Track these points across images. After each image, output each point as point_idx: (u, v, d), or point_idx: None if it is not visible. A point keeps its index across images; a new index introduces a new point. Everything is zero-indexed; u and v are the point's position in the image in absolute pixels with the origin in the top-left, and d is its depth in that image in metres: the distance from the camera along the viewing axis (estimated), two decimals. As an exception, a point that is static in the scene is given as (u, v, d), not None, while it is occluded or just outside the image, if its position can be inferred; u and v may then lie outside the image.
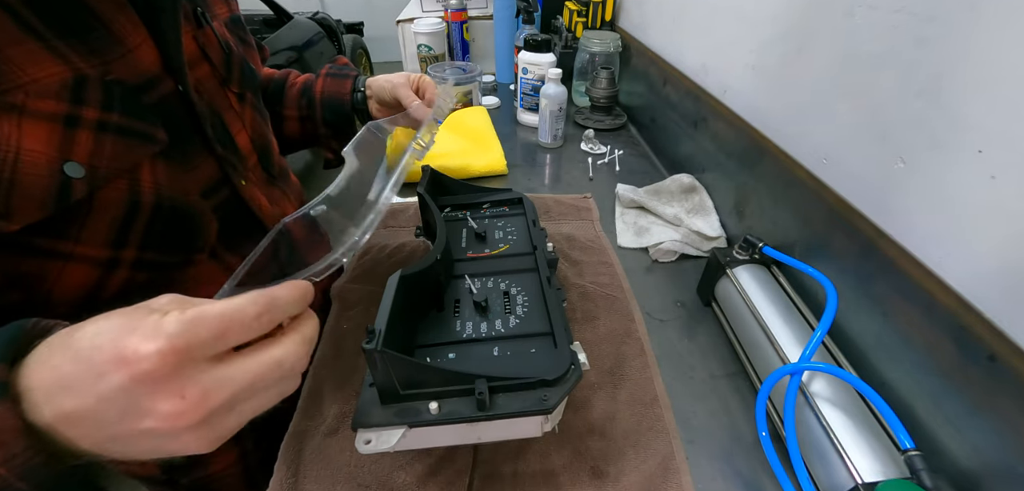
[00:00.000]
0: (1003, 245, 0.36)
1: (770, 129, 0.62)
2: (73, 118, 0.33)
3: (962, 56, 0.38)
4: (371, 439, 0.35)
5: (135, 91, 0.38)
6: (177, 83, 0.41)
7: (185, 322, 0.22)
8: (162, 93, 0.40)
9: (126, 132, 0.36)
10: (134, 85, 0.38)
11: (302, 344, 0.27)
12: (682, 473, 0.42)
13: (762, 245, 0.55)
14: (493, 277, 0.49)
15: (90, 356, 0.22)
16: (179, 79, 0.42)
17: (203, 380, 0.23)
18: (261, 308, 0.25)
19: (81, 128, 0.33)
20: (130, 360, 0.21)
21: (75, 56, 0.34)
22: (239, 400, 0.24)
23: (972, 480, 0.36)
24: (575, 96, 1.16)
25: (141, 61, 0.39)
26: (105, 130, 0.35)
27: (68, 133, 0.33)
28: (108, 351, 0.22)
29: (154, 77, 0.40)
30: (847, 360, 0.46)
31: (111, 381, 0.22)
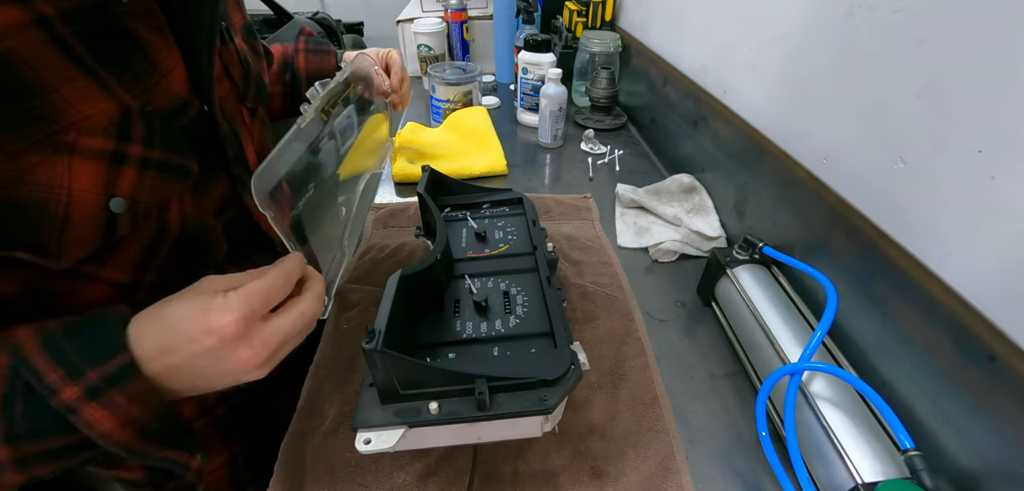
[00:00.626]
0: (1003, 245, 0.36)
1: (770, 129, 0.62)
2: (119, 155, 0.33)
3: (962, 56, 0.38)
4: (371, 439, 0.35)
5: (169, 119, 0.37)
6: (203, 104, 0.41)
7: (244, 297, 0.31)
8: (191, 116, 0.39)
9: (165, 167, 0.36)
10: (168, 112, 0.37)
11: (315, 298, 0.36)
12: (682, 473, 0.42)
13: (762, 245, 0.55)
14: (493, 277, 0.49)
15: (183, 328, 0.30)
16: (206, 100, 0.41)
17: (263, 332, 0.32)
18: (284, 279, 0.34)
19: (126, 165, 0.33)
20: (215, 329, 0.30)
21: (120, 88, 0.33)
22: (285, 342, 0.34)
23: (972, 480, 0.36)
24: (575, 96, 1.16)
25: (172, 85, 0.38)
26: (148, 166, 0.35)
27: (114, 170, 0.33)
28: (198, 323, 0.30)
29: (184, 101, 0.39)
30: (847, 360, 0.46)
31: (203, 344, 0.30)
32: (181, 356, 0.31)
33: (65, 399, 0.28)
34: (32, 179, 0.29)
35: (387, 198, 0.82)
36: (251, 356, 0.32)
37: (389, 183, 0.85)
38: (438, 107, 1.04)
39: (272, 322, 0.33)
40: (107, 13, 0.33)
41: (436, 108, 1.04)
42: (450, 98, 1.02)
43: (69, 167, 0.30)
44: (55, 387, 0.28)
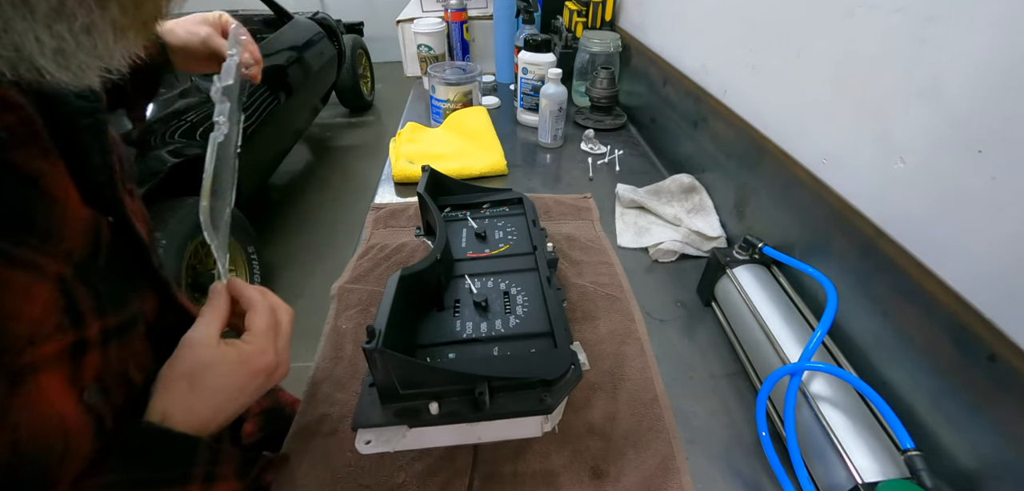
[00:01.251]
0: (1003, 245, 0.36)
1: (770, 129, 0.62)
2: (79, 345, 0.27)
3: (962, 56, 0.38)
4: (371, 439, 0.35)
5: (94, 262, 0.30)
6: (107, 214, 0.32)
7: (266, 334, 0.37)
8: (107, 241, 0.31)
9: (123, 330, 0.31)
10: (90, 254, 0.29)
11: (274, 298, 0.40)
12: (682, 473, 0.42)
13: (762, 245, 0.55)
14: (493, 277, 0.49)
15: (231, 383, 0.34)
16: (111, 208, 0.32)
17: (281, 351, 0.38)
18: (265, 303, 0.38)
19: (88, 352, 0.28)
20: (261, 370, 0.35)
21: (41, 257, 0.25)
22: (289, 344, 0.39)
23: (972, 480, 0.36)
24: (575, 96, 1.16)
25: (76, 212, 0.29)
26: (108, 340, 0.30)
27: (75, 364, 0.27)
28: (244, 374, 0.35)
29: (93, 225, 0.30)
30: (847, 360, 0.46)
31: (254, 385, 0.35)
32: (236, 404, 0.35)
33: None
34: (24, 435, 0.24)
35: (387, 198, 0.82)
36: (283, 371, 0.38)
37: (389, 183, 0.85)
38: (438, 107, 1.04)
39: (281, 338, 0.38)
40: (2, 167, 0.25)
41: (436, 108, 1.04)
42: (450, 98, 1.02)
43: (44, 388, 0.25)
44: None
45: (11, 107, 0.26)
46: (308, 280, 1.99)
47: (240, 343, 0.35)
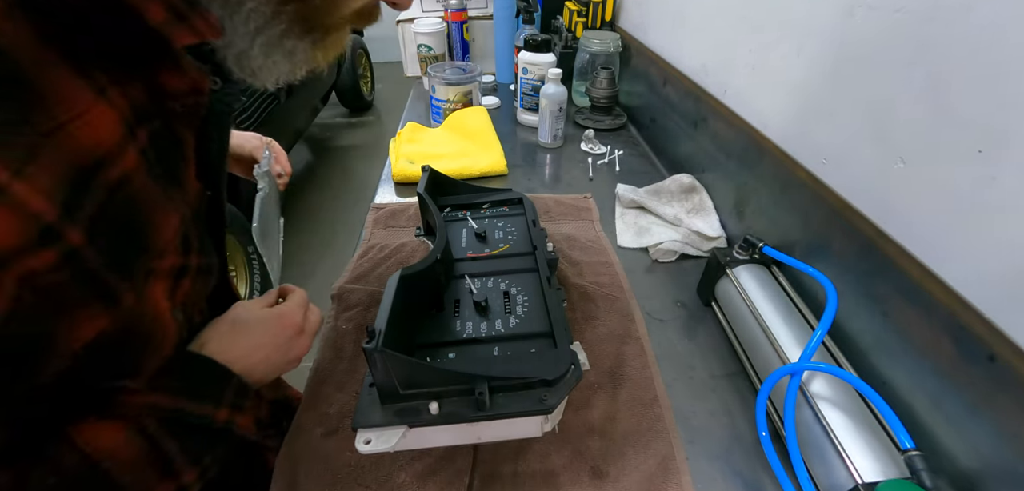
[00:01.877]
0: (1003, 245, 0.36)
1: (770, 129, 0.62)
2: (182, 269, 0.34)
3: (962, 56, 0.38)
4: (371, 439, 0.35)
5: (198, 213, 0.36)
6: (207, 189, 0.38)
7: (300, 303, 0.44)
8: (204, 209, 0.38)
9: (203, 270, 0.36)
10: (198, 208, 0.36)
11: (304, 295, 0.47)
12: (682, 473, 0.42)
13: (762, 245, 0.55)
14: (493, 277, 0.49)
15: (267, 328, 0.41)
16: (213, 185, 0.39)
17: (308, 326, 0.44)
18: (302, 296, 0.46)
19: (185, 277, 0.34)
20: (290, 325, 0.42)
21: (178, 200, 0.32)
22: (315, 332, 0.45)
23: (972, 480, 0.36)
24: (575, 96, 1.16)
25: (193, 179, 0.35)
26: (198, 273, 0.36)
27: (176, 284, 0.33)
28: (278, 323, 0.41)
29: (200, 193, 0.37)
30: (847, 360, 0.46)
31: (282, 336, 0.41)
32: (265, 350, 0.40)
33: (222, 419, 0.35)
34: (149, 311, 0.30)
35: (387, 198, 0.82)
36: (305, 343, 0.43)
37: (389, 183, 0.85)
38: (438, 107, 1.04)
39: (309, 319, 0.45)
40: (169, 123, 0.32)
41: (436, 108, 1.04)
42: (450, 98, 1.02)
43: (156, 291, 0.31)
44: (210, 415, 0.34)
45: (197, 91, 0.33)
46: (308, 280, 1.99)
47: (275, 307, 0.43)
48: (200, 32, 0.27)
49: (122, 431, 0.30)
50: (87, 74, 0.25)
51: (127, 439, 0.30)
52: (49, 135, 0.23)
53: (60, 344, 0.25)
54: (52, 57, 0.23)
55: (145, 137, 0.29)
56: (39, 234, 0.23)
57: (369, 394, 0.37)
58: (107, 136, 0.26)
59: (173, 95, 0.31)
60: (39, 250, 0.23)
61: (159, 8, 0.25)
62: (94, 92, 0.25)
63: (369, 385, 0.37)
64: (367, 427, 0.35)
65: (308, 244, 2.21)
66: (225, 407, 0.35)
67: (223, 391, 0.36)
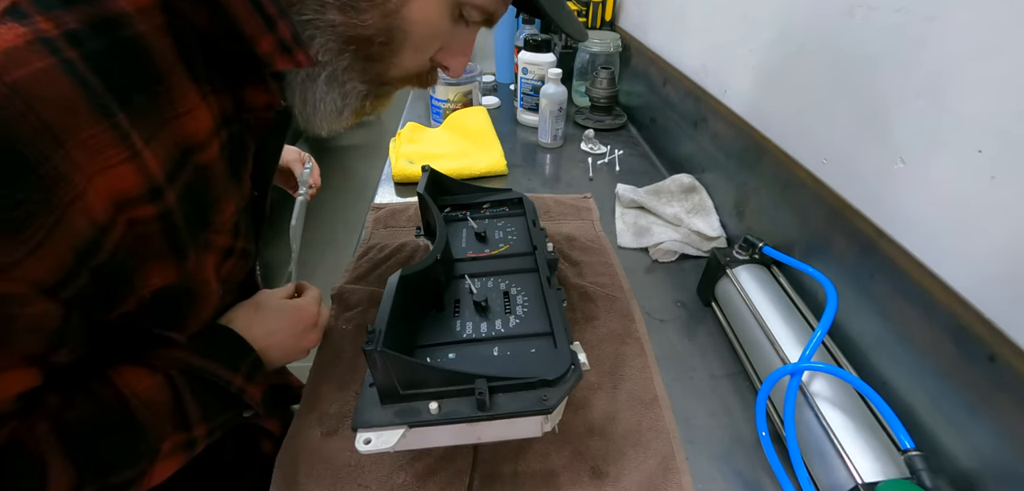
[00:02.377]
0: (1003, 245, 0.36)
1: (770, 129, 0.62)
2: (230, 249, 0.38)
3: (962, 56, 0.38)
4: (371, 439, 0.35)
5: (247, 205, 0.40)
6: (257, 190, 0.43)
7: (315, 299, 0.51)
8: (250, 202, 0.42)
9: (245, 254, 0.41)
10: (247, 201, 0.40)
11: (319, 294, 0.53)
12: (682, 473, 0.42)
13: (762, 245, 0.55)
14: (493, 277, 0.49)
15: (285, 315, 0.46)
16: (261, 187, 0.44)
17: (321, 321, 0.50)
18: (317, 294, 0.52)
19: (231, 256, 0.39)
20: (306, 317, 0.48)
21: (237, 192, 0.38)
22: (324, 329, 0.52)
23: (972, 480, 0.36)
24: (575, 96, 1.16)
25: (247, 180, 0.40)
26: (242, 256, 0.40)
27: (223, 261, 0.38)
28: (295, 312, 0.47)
29: (250, 191, 0.42)
30: (847, 360, 0.46)
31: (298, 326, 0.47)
32: (281, 336, 0.45)
33: (237, 385, 0.40)
34: (202, 276, 0.35)
35: (387, 198, 0.82)
36: (315, 338, 0.49)
37: (389, 183, 0.85)
38: (438, 107, 1.04)
39: (322, 315, 0.50)
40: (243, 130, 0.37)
41: (436, 108, 1.04)
42: (450, 98, 1.02)
43: (209, 262, 0.36)
44: (229, 379, 0.39)
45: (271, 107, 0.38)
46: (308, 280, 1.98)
47: (294, 300, 0.49)
48: (300, 62, 0.33)
49: (153, 378, 0.35)
50: (199, 81, 0.32)
51: (156, 385, 0.35)
52: (171, 121, 0.30)
53: (138, 285, 0.31)
54: (181, 66, 0.30)
55: (226, 136, 0.35)
56: (150, 189, 0.29)
57: (369, 394, 0.37)
58: (203, 130, 0.32)
59: (250, 108, 0.37)
60: (147, 202, 0.29)
61: (269, 41, 0.31)
62: (200, 95, 0.32)
63: (369, 385, 0.37)
64: (367, 427, 0.35)
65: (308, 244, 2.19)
66: (240, 375, 0.40)
67: (241, 360, 0.40)
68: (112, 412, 0.33)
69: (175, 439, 0.36)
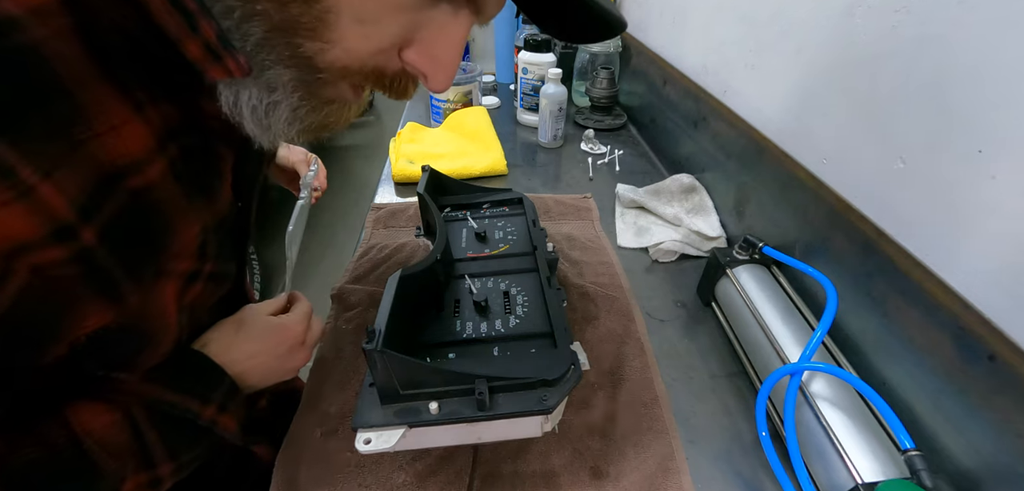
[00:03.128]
0: (1003, 245, 0.36)
1: (770, 129, 0.62)
2: (195, 274, 0.35)
3: (962, 56, 0.38)
4: (371, 439, 0.35)
5: (223, 228, 0.37)
6: (238, 201, 0.40)
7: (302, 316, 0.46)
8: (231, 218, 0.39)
9: (218, 277, 0.37)
10: (221, 221, 0.37)
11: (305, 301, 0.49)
12: (682, 473, 0.42)
13: (762, 245, 0.55)
14: (493, 277, 0.49)
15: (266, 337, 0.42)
16: (244, 198, 0.40)
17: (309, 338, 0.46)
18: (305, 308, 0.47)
19: (197, 281, 0.35)
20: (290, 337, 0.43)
21: (204, 211, 0.34)
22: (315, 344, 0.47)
23: (972, 480, 0.36)
24: (575, 96, 1.16)
25: (227, 193, 0.37)
26: (211, 279, 0.36)
27: (186, 287, 0.34)
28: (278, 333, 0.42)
29: (231, 205, 0.38)
30: (847, 360, 0.46)
31: (282, 347, 0.42)
32: (263, 358, 0.41)
33: (207, 417, 0.36)
34: (153, 310, 0.31)
35: (387, 198, 0.82)
36: (304, 356, 0.45)
37: (389, 183, 0.85)
38: (438, 107, 1.04)
39: (311, 332, 0.46)
40: (203, 139, 0.33)
41: (436, 108, 1.04)
42: (450, 98, 1.02)
43: (166, 291, 0.32)
44: (198, 411, 0.36)
45: None
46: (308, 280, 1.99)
47: (280, 316, 0.45)
48: (230, 70, 0.28)
49: (111, 415, 0.32)
50: (128, 92, 0.27)
51: (114, 424, 0.32)
52: (86, 142, 0.25)
53: (63, 332, 0.27)
54: (96, 74, 0.25)
55: (177, 151, 0.30)
56: (54, 231, 0.25)
57: (369, 394, 0.37)
58: (137, 149, 0.28)
59: (210, 116, 0.31)
60: (52, 245, 0.25)
61: (196, 45, 0.26)
62: (132, 108, 0.27)
63: (369, 385, 0.37)
64: (367, 427, 0.35)
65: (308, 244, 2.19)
66: (212, 406, 0.36)
67: (213, 390, 0.37)
68: (63, 457, 0.30)
69: (137, 480, 0.33)
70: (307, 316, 0.46)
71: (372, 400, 0.36)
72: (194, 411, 0.35)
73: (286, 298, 0.48)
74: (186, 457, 0.36)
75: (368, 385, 0.37)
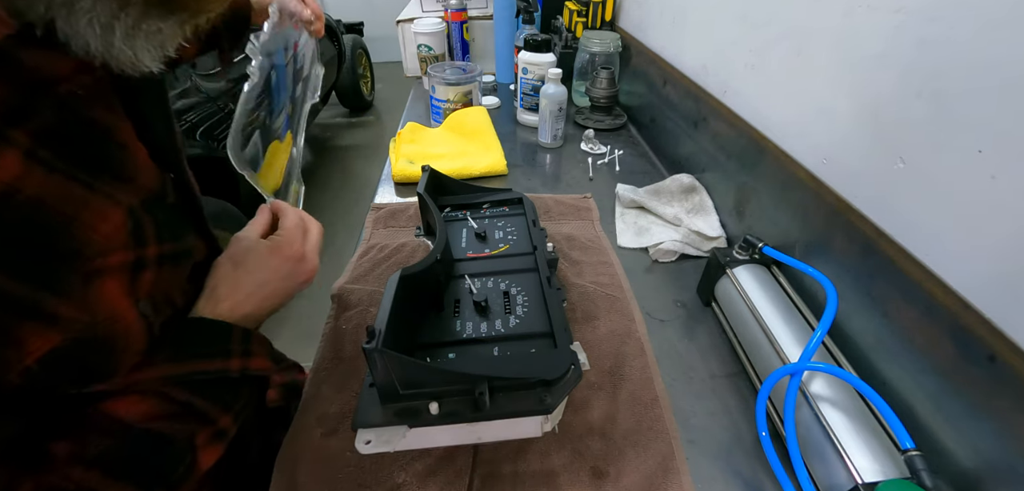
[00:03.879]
0: (1003, 245, 0.36)
1: (770, 129, 0.62)
2: (139, 262, 0.33)
3: (962, 56, 0.38)
4: (371, 439, 0.35)
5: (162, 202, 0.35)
6: (169, 171, 0.38)
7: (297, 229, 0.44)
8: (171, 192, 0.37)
9: (176, 258, 0.36)
10: (158, 195, 0.35)
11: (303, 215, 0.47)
12: (682, 473, 0.42)
13: (762, 245, 0.55)
14: (493, 277, 0.49)
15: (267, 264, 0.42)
16: (173, 167, 0.38)
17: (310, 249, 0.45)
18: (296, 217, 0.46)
19: (146, 269, 0.33)
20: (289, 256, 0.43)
21: (116, 190, 0.31)
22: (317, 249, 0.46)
23: (972, 480, 0.36)
24: (575, 96, 1.16)
25: (146, 163, 0.35)
26: (163, 263, 0.35)
27: (135, 278, 0.32)
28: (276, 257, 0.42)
29: (161, 177, 0.36)
30: (847, 360, 0.46)
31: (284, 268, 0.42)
32: (272, 285, 0.41)
33: (236, 368, 0.37)
34: (101, 316, 0.30)
35: (387, 198, 0.82)
36: (309, 267, 0.44)
37: (389, 183, 0.85)
38: (438, 107, 1.04)
39: (309, 239, 0.45)
40: (67, 111, 0.29)
41: (436, 108, 1.04)
42: (450, 98, 1.02)
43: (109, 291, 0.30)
44: (224, 367, 0.37)
45: (87, 69, 0.29)
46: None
47: (272, 236, 0.44)
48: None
49: (145, 402, 0.33)
50: None
51: (153, 407, 0.33)
52: None
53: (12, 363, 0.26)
54: None
55: (26, 137, 0.26)
56: None
57: (369, 394, 0.37)
58: None
59: (61, 79, 0.28)
60: None
61: None
62: None
63: (369, 385, 0.37)
64: (367, 427, 0.35)
65: (308, 244, 2.20)
66: (235, 357, 0.38)
67: (229, 345, 0.38)
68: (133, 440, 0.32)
69: (205, 432, 0.35)
70: (300, 226, 0.45)
71: (372, 400, 0.36)
72: (223, 369, 0.37)
73: (269, 214, 0.46)
74: (239, 405, 0.38)
75: (368, 385, 0.37)
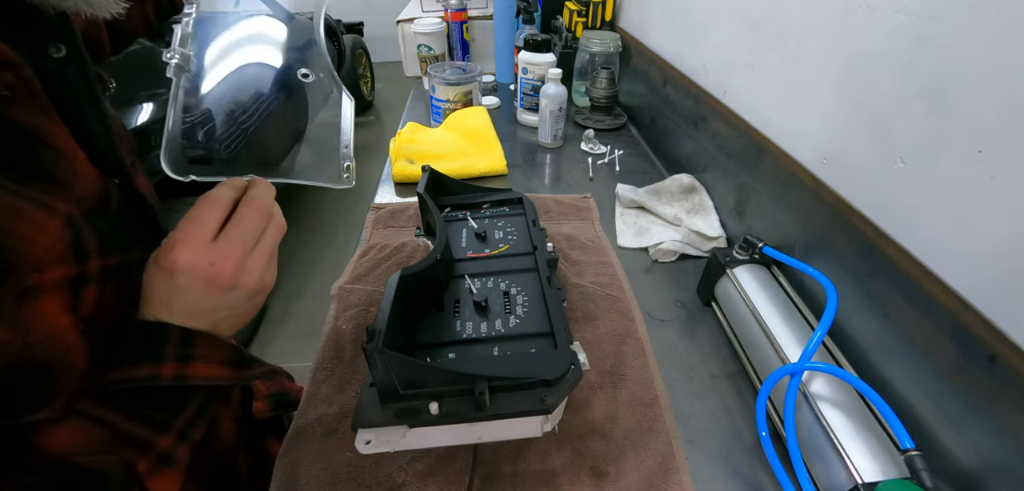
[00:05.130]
0: (1003, 245, 0.36)
1: (770, 129, 0.62)
2: (80, 278, 0.30)
3: (962, 56, 0.38)
4: (371, 439, 0.35)
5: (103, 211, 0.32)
6: (113, 176, 0.34)
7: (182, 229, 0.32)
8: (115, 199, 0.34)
9: (121, 272, 0.33)
10: (99, 204, 0.32)
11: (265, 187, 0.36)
12: (682, 473, 0.42)
13: (762, 245, 0.55)
14: (493, 277, 0.49)
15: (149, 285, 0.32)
16: (115, 172, 0.35)
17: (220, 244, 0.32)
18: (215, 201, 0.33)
19: (88, 285, 0.31)
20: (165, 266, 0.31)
21: (51, 198, 0.28)
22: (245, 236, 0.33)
23: (972, 480, 0.36)
24: (575, 96, 1.16)
25: (85, 169, 0.32)
26: (107, 278, 0.32)
27: (76, 295, 0.30)
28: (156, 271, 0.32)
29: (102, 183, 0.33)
30: (847, 360, 0.46)
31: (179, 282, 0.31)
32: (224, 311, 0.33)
33: (168, 375, 0.31)
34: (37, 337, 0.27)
35: (387, 198, 0.82)
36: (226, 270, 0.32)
37: (389, 183, 0.85)
38: (438, 107, 1.04)
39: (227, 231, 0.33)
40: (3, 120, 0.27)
41: (436, 108, 1.04)
42: (450, 98, 1.02)
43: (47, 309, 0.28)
44: (151, 375, 0.31)
45: (8, 65, 0.27)
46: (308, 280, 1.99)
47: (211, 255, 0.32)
48: None
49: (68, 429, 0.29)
50: None
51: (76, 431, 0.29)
52: None
53: None
54: None
55: None
56: None
57: (369, 394, 0.37)
58: None
59: None
60: None
61: None
62: None
63: (369, 385, 0.37)
64: (367, 427, 0.35)
65: (308, 244, 2.21)
66: (168, 362, 0.31)
67: (160, 346, 0.31)
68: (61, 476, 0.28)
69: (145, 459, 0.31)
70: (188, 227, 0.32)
71: (372, 400, 0.36)
72: (148, 376, 0.31)
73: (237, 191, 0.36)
74: (179, 422, 0.32)
75: (368, 385, 0.37)
